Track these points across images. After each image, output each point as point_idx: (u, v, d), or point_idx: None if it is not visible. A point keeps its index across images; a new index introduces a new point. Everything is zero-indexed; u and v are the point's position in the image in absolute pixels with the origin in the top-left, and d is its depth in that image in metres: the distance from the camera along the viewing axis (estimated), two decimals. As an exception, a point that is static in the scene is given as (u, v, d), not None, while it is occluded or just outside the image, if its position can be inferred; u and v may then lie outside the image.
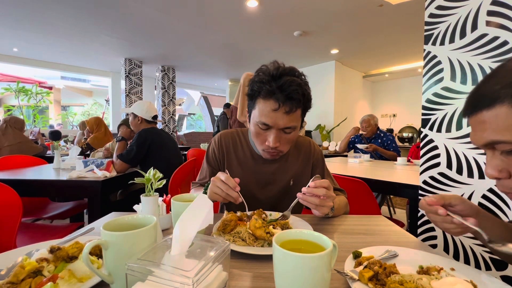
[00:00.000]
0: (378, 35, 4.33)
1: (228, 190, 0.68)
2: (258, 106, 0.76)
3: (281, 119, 0.74)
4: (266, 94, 0.73)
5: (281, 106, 0.72)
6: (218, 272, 0.38)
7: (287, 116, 0.74)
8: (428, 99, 1.10)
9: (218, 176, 0.71)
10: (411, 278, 0.43)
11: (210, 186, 0.72)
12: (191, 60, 5.99)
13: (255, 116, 0.77)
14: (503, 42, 0.90)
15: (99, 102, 12.50)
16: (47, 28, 4.14)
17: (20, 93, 7.50)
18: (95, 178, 1.53)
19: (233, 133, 0.97)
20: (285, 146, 0.82)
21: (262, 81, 0.74)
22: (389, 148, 2.80)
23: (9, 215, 1.11)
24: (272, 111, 0.73)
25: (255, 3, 3.30)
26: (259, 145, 0.83)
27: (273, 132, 0.76)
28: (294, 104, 0.72)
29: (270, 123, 0.75)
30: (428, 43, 1.08)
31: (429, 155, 1.10)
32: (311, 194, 0.66)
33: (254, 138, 0.83)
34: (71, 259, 0.48)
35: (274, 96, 0.72)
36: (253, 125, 0.80)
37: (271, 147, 0.78)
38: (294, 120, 0.76)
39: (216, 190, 0.70)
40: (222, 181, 0.69)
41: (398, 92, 7.25)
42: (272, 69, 0.75)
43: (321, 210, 0.68)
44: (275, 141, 0.77)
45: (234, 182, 0.69)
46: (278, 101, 0.72)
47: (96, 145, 2.85)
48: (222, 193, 0.69)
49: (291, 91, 0.71)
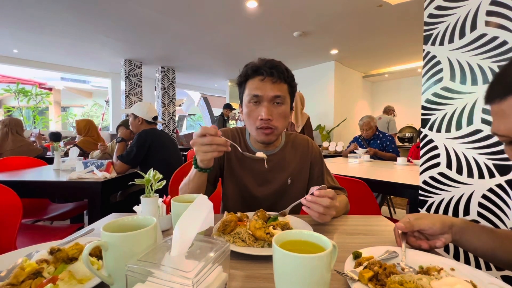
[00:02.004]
0: (377, 35, 4.33)
1: (214, 140, 0.66)
2: (247, 86, 0.84)
3: (270, 89, 0.80)
4: (252, 71, 0.82)
5: (266, 77, 0.80)
6: (218, 273, 0.38)
7: (273, 85, 0.80)
8: (427, 99, 1.10)
9: (195, 134, 0.68)
10: (411, 278, 0.43)
11: (196, 149, 0.69)
12: (190, 61, 5.99)
13: (246, 95, 0.84)
14: (502, 42, 0.90)
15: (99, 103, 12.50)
16: (47, 30, 4.15)
17: (19, 94, 7.50)
18: (95, 179, 1.53)
19: (232, 131, 0.98)
20: (278, 121, 0.83)
21: (249, 66, 0.84)
22: (388, 149, 2.80)
23: (9, 216, 1.11)
24: (260, 82, 0.81)
25: (255, 3, 3.30)
26: (253, 124, 0.84)
27: (264, 105, 0.81)
28: (279, 75, 0.80)
29: (260, 93, 0.80)
30: (428, 43, 1.09)
31: (429, 155, 1.10)
32: (315, 202, 0.66)
33: (248, 119, 0.85)
34: (71, 261, 0.48)
35: (260, 71, 0.81)
36: (245, 106, 0.85)
37: (264, 119, 0.80)
38: (282, 90, 0.82)
39: (205, 148, 0.67)
40: (202, 135, 0.67)
41: (398, 92, 7.26)
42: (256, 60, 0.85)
43: (323, 219, 0.68)
44: (268, 112, 0.80)
45: (212, 129, 0.67)
46: (264, 72, 0.80)
47: (88, 148, 2.78)
48: (211, 147, 0.66)
49: (273, 65, 0.81)
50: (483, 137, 0.96)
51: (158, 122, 2.17)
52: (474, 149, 0.98)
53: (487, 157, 0.95)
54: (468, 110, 0.99)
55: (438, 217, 0.59)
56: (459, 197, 1.02)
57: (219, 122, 5.04)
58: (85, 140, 2.84)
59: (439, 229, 0.56)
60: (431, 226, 0.57)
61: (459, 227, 0.57)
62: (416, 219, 0.58)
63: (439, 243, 0.56)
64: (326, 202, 0.65)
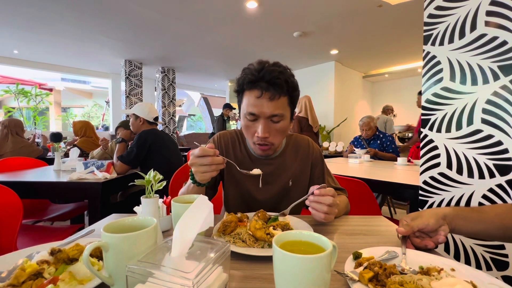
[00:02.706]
0: (377, 35, 4.33)
1: (214, 160, 0.66)
2: (244, 99, 0.79)
3: (266, 107, 0.75)
4: (249, 84, 0.76)
5: (264, 93, 0.74)
6: (218, 274, 0.38)
7: (271, 102, 0.75)
8: (427, 99, 1.10)
9: (194, 154, 0.68)
10: (411, 278, 0.43)
11: (195, 170, 0.69)
12: (191, 61, 5.99)
13: (243, 109, 0.80)
14: (502, 42, 0.90)
15: (99, 104, 12.51)
16: (47, 30, 4.15)
17: (19, 95, 7.50)
18: (95, 179, 1.53)
19: (232, 134, 0.97)
20: (276, 137, 0.80)
21: (246, 75, 0.77)
22: (388, 149, 2.80)
23: (9, 217, 1.11)
24: (256, 99, 0.75)
25: (255, 4, 3.31)
26: (250, 139, 0.83)
27: (261, 122, 0.77)
28: (277, 90, 0.74)
29: (256, 112, 0.76)
30: (428, 43, 1.09)
31: (429, 155, 1.10)
32: (318, 201, 0.66)
33: (245, 132, 0.83)
34: (72, 261, 0.48)
35: (257, 84, 0.74)
36: (243, 118, 0.82)
37: (261, 137, 0.77)
38: (280, 108, 0.76)
39: (203, 168, 0.67)
40: (201, 156, 0.67)
41: (398, 92, 7.25)
42: (255, 64, 0.78)
43: (327, 219, 0.68)
44: (264, 131, 0.77)
45: (211, 150, 0.67)
46: (261, 89, 0.74)
47: (88, 149, 2.78)
48: (210, 167, 0.67)
49: (272, 77, 0.73)
50: (483, 137, 0.96)
51: (158, 123, 2.17)
52: (474, 149, 0.98)
53: (487, 157, 0.95)
54: (468, 110, 0.99)
55: (430, 211, 0.60)
56: (459, 197, 1.02)
57: (218, 122, 5.04)
58: (84, 140, 2.84)
59: (435, 224, 0.57)
60: (426, 223, 0.58)
61: (451, 216, 0.59)
62: (413, 220, 0.60)
63: (441, 238, 0.57)
64: (329, 200, 0.66)
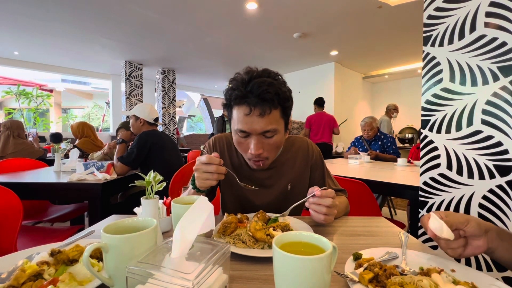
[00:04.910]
0: (377, 36, 4.34)
1: (218, 169, 0.67)
2: (234, 114, 0.75)
3: (256, 124, 0.70)
4: (237, 100, 0.71)
5: (253, 110, 0.69)
6: (218, 275, 0.38)
7: (262, 119, 0.70)
8: (427, 100, 1.10)
9: (199, 161, 0.68)
10: (411, 279, 0.43)
11: (197, 175, 0.69)
12: (191, 63, 6.00)
13: (233, 124, 0.75)
14: (501, 43, 0.90)
15: (99, 105, 12.52)
16: (47, 31, 4.16)
17: (20, 96, 7.52)
18: (95, 180, 1.53)
19: (228, 137, 0.94)
20: (270, 152, 0.77)
21: (233, 88, 0.72)
22: (389, 150, 2.80)
23: (9, 218, 1.11)
24: (245, 116, 0.70)
25: (255, 5, 3.31)
26: (244, 154, 0.80)
27: (253, 139, 0.73)
28: (267, 105, 0.69)
29: (247, 129, 0.72)
30: (427, 44, 1.09)
31: (429, 156, 1.09)
32: (317, 203, 0.66)
33: (238, 148, 0.80)
34: (72, 262, 0.48)
35: (245, 100, 0.70)
36: (234, 134, 0.78)
37: (254, 155, 0.74)
38: (272, 123, 0.72)
39: (206, 175, 0.67)
40: (206, 163, 0.67)
41: (398, 93, 7.26)
42: (243, 74, 0.73)
43: (327, 220, 0.67)
44: (257, 148, 0.73)
45: (217, 158, 0.67)
46: (249, 105, 0.69)
47: (87, 149, 2.78)
48: (212, 175, 0.67)
49: (261, 92, 0.68)
50: (483, 138, 0.96)
51: (159, 124, 2.17)
52: (474, 150, 0.98)
53: (487, 158, 0.95)
54: (468, 111, 0.99)
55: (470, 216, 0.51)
56: (459, 198, 1.02)
57: (218, 123, 5.03)
58: (84, 141, 2.84)
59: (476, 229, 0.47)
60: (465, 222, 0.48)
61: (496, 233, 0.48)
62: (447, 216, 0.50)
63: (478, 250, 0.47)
64: (328, 202, 0.65)
